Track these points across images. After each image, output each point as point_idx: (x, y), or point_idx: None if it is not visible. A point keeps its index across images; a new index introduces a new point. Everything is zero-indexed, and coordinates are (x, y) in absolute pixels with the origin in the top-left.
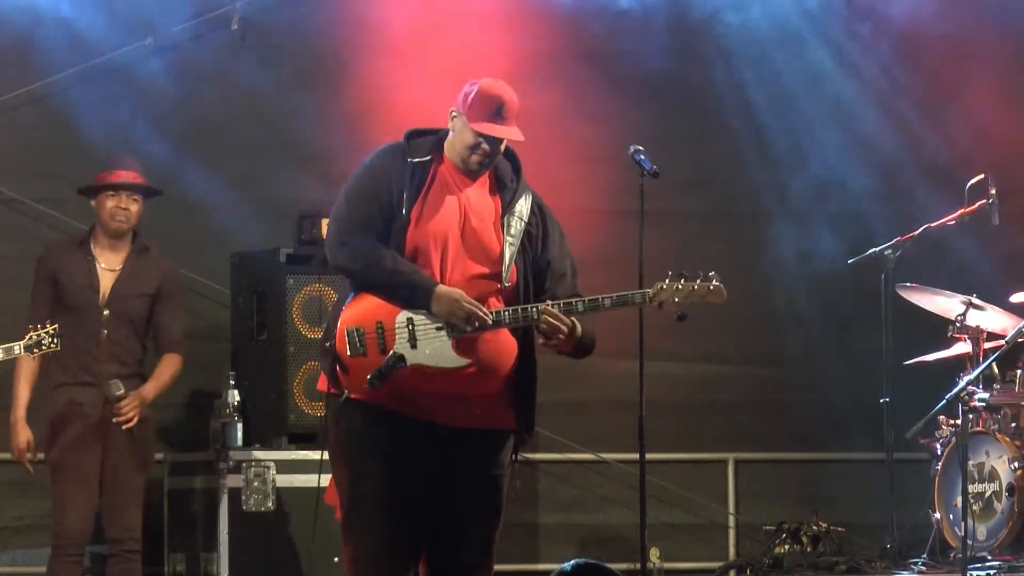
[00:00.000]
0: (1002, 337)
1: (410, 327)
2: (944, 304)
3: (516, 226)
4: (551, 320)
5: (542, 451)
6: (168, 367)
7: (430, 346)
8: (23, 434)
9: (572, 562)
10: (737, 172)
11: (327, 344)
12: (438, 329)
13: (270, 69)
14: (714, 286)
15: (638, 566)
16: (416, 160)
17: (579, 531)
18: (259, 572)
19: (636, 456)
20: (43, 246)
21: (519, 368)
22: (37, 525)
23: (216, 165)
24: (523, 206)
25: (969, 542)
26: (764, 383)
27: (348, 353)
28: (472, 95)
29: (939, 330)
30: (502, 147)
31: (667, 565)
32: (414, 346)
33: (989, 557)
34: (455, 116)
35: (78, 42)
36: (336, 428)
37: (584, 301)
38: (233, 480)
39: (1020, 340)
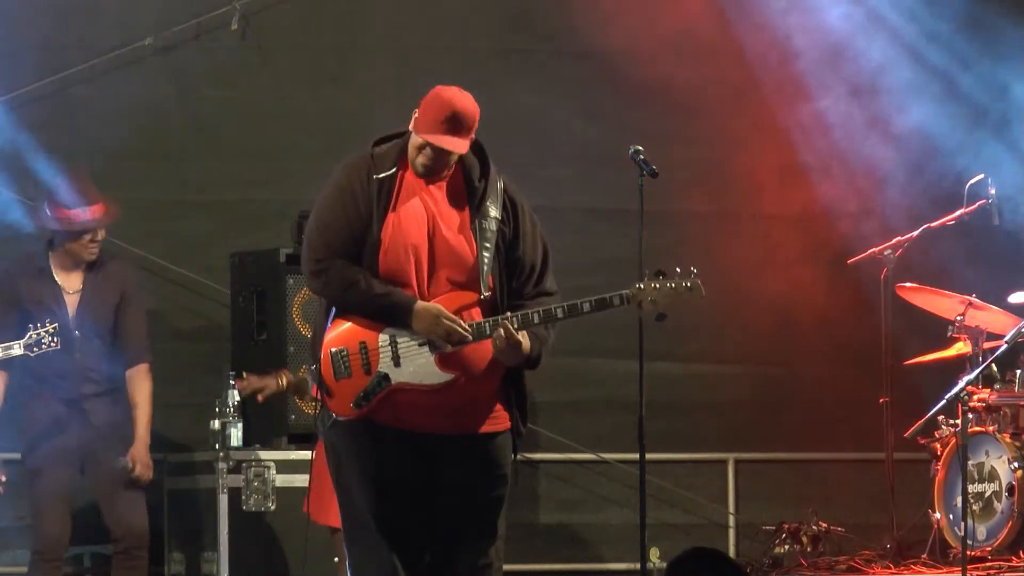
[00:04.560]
0: (1002, 337)
1: (393, 346)
2: (944, 304)
3: (488, 228)
4: (499, 338)
5: (542, 451)
6: (144, 387)
7: (414, 364)
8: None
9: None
10: (737, 172)
11: (312, 367)
12: (420, 346)
13: (270, 69)
14: (692, 283)
15: (638, 566)
16: (381, 176)
17: (579, 531)
18: (259, 572)
19: (636, 456)
20: None
21: (505, 370)
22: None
23: (216, 165)
24: (493, 204)
25: (969, 542)
26: (764, 383)
27: (333, 377)
28: (425, 103)
29: (939, 330)
30: (450, 159)
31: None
32: (398, 364)
33: (989, 557)
34: (415, 117)
35: (78, 42)
36: (328, 449)
37: (563, 307)
38: (233, 480)
39: (1020, 340)
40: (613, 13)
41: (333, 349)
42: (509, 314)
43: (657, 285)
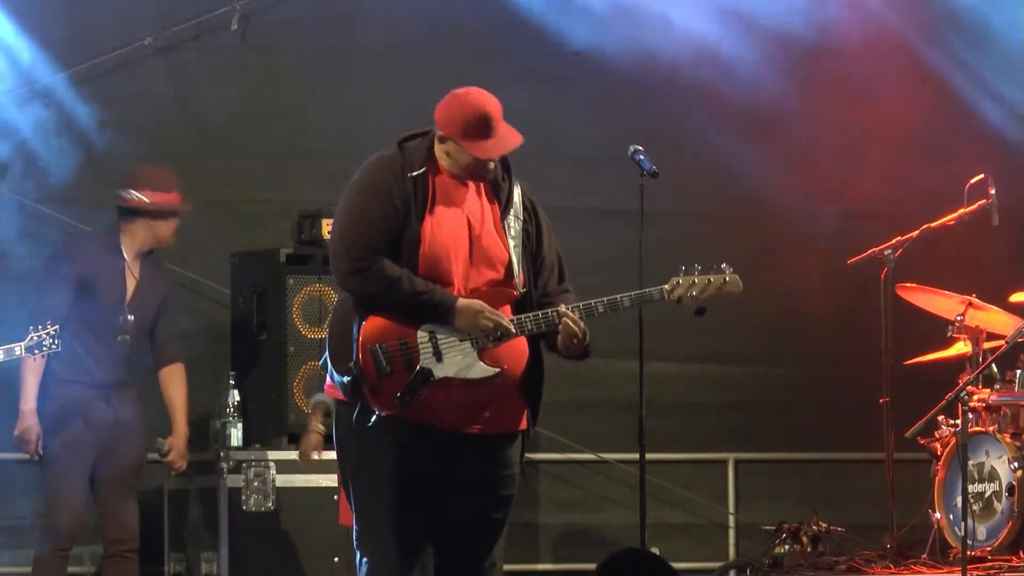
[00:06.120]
0: (1002, 337)
1: (433, 341)
2: (944, 304)
3: (516, 227)
4: (571, 326)
5: (542, 451)
6: (183, 384)
7: (456, 359)
8: (36, 427)
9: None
10: (737, 172)
11: (350, 364)
12: (461, 341)
13: (270, 69)
14: (729, 277)
15: None
16: (415, 174)
17: (579, 531)
18: (259, 572)
19: (636, 456)
20: (65, 242)
21: (530, 368)
22: (37, 525)
23: (216, 165)
24: (517, 203)
25: (969, 542)
26: (764, 383)
27: (376, 374)
28: (456, 118)
29: (939, 330)
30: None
31: None
32: (440, 360)
33: (989, 557)
34: (445, 139)
35: (78, 41)
36: (361, 444)
37: (604, 302)
38: (233, 480)
39: (1020, 340)
40: (613, 13)
41: (372, 346)
42: (564, 307)
43: (695, 280)
